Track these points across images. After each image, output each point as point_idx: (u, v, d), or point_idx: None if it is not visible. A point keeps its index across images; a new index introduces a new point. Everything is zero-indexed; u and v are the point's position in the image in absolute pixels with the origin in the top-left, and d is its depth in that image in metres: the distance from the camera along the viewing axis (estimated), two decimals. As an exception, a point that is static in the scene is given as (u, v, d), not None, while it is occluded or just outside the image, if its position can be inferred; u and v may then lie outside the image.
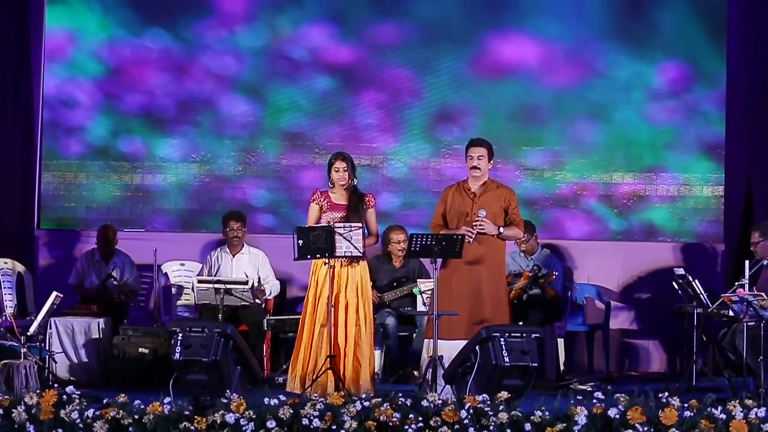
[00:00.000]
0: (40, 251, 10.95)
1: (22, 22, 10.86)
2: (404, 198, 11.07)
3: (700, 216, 11.27)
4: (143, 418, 6.67)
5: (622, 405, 6.72)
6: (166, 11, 10.99)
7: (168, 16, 10.99)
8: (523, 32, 11.03)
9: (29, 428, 6.64)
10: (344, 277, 8.39)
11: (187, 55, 11.00)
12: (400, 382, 9.48)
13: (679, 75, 11.15)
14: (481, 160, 8.54)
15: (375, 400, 6.76)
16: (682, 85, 11.16)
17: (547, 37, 11.01)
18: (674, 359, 10.94)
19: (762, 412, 6.70)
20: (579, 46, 11.03)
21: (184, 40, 10.99)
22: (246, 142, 11.09)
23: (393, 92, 11.05)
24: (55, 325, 9.50)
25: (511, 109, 11.05)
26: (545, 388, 8.64)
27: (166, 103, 11.03)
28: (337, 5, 10.99)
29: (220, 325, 7.96)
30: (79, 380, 9.12)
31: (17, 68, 10.85)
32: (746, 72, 11.09)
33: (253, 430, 6.62)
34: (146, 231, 10.96)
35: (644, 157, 11.19)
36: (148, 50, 10.99)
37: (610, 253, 11.08)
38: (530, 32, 11.02)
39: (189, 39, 10.98)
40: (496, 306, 8.46)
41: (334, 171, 8.52)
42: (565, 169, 11.13)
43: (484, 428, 6.65)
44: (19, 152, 10.91)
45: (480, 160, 8.54)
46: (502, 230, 8.48)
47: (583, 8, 11.05)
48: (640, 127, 11.17)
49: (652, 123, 11.15)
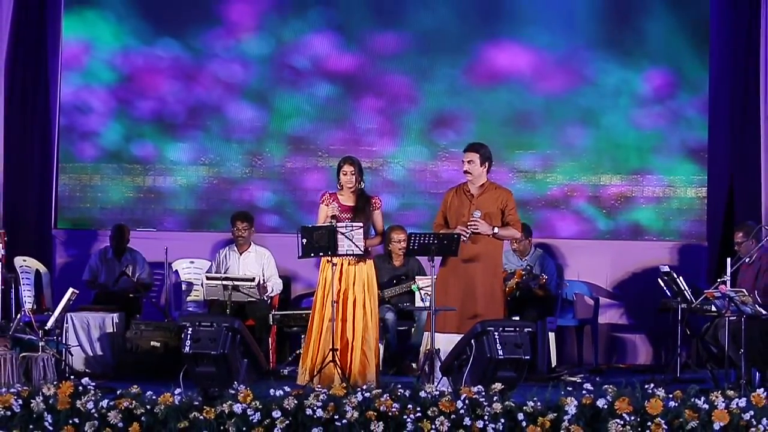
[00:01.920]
0: (57, 250, 10.95)
1: (40, 34, 10.88)
2: (403, 199, 11.08)
3: (684, 216, 11.27)
4: (155, 408, 6.68)
5: (610, 396, 6.72)
6: (177, 21, 10.98)
7: (178, 26, 10.99)
8: (515, 41, 11.02)
9: (47, 418, 6.65)
10: (352, 275, 8.41)
11: (196, 64, 11.01)
12: (399, 374, 9.49)
13: (664, 82, 11.14)
14: (471, 164, 8.55)
15: (375, 391, 6.77)
16: (666, 92, 11.16)
17: (539, 46, 11.00)
18: (659, 352, 10.94)
19: (743, 403, 6.70)
20: (569, 55, 11.02)
21: (193, 50, 10.99)
22: (252, 146, 11.10)
23: (392, 98, 11.04)
24: (72, 320, 9.52)
25: (504, 115, 11.04)
26: (537, 379, 8.64)
27: (176, 109, 11.04)
28: (339, 16, 10.97)
29: (228, 320, 7.97)
30: (94, 372, 9.12)
31: (36, 77, 10.86)
32: (728, 80, 11.11)
33: (259, 419, 6.62)
34: (157, 231, 10.97)
35: (631, 160, 11.19)
36: (160, 59, 11.00)
37: (598, 251, 11.08)
38: (522, 41, 11.01)
39: (198, 48, 10.99)
40: (490, 302, 8.46)
41: (343, 174, 8.55)
42: (555, 172, 11.11)
43: (479, 418, 6.65)
44: (37, 156, 10.93)
45: (470, 164, 8.55)
46: (497, 230, 8.49)
47: (573, 18, 11.04)
48: (627, 132, 11.16)
49: (638, 128, 11.14)
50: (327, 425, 6.61)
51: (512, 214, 8.61)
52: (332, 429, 6.60)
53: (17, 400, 6.70)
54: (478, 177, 8.59)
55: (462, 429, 6.62)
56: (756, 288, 8.87)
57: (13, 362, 7.76)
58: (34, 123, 10.90)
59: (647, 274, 10.65)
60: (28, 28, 10.82)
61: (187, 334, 7.76)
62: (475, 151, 8.60)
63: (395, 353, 9.82)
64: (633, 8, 11.08)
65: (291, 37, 10.97)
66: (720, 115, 11.17)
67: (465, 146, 8.71)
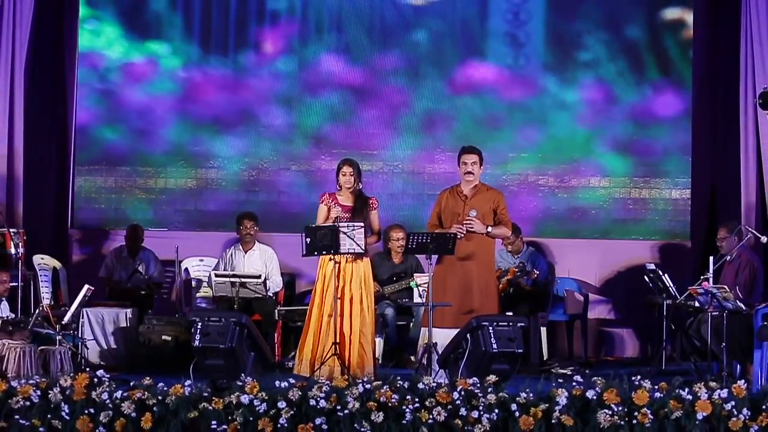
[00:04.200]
0: (73, 248, 10.94)
1: (58, 43, 10.89)
2: (401, 200, 11.15)
3: (669, 216, 11.27)
4: (166, 399, 6.68)
5: (598, 387, 6.72)
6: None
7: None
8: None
9: (64, 408, 6.65)
10: (349, 272, 8.40)
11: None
12: (398, 366, 9.47)
13: (648, 90, 11.19)
14: (474, 165, 8.56)
15: (375, 383, 6.77)
16: (652, 99, 11.19)
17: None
18: (646, 346, 10.94)
19: (724, 393, 6.70)
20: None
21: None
22: (258, 150, 11.12)
23: (389, 106, 11.16)
24: (87, 315, 9.50)
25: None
26: (530, 372, 8.64)
27: (186, 115, 11.07)
28: (348, 40, 11.16)
29: (236, 315, 7.97)
30: (108, 365, 9.11)
31: (54, 88, 10.88)
32: (708, 88, 11.16)
33: (266, 409, 6.62)
34: (169, 230, 10.96)
35: (619, 163, 11.20)
36: (158, 64, 11.07)
37: (588, 250, 11.08)
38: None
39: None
40: (485, 297, 8.46)
41: (342, 175, 8.55)
42: (547, 171, 11.17)
43: (475, 408, 6.65)
44: (54, 160, 10.93)
45: (473, 166, 8.56)
46: (491, 229, 8.49)
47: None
48: (616, 137, 11.20)
49: (624, 133, 11.19)
50: (329, 415, 6.61)
51: (504, 214, 8.61)
52: (334, 419, 6.60)
53: (36, 390, 6.70)
54: (477, 178, 8.60)
55: (458, 419, 6.62)
56: (737, 284, 8.88)
57: (32, 355, 7.76)
58: (52, 131, 10.90)
59: (634, 272, 10.64)
60: (47, 39, 10.82)
61: (196, 328, 7.77)
62: (476, 153, 8.61)
63: (395, 347, 9.81)
64: (618, 20, 11.15)
65: (310, 56, 11.19)
66: (702, 121, 11.20)
67: (461, 149, 8.71)
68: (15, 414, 6.65)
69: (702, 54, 11.22)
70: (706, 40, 11.22)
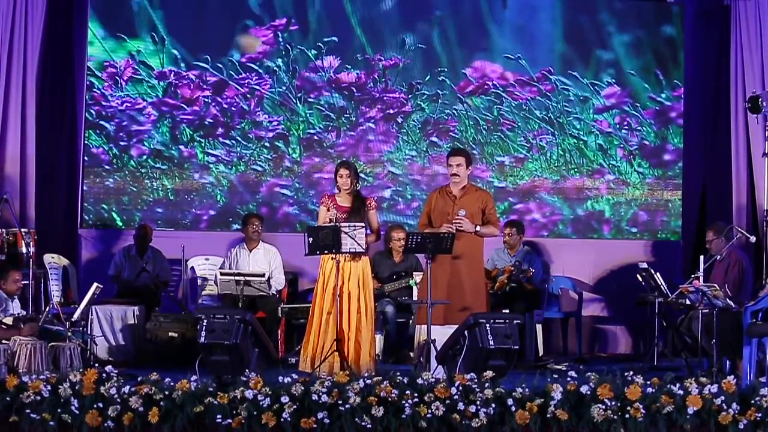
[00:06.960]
0: (83, 247, 10.94)
1: (68, 50, 10.88)
2: (400, 195, 11.13)
3: (661, 216, 11.28)
4: (173, 393, 6.67)
5: (592, 382, 6.71)
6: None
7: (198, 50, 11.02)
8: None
9: (73, 402, 6.64)
10: (348, 271, 8.41)
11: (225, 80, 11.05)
12: (398, 362, 9.48)
13: (644, 94, 11.20)
14: (459, 167, 8.53)
15: (376, 379, 6.76)
16: (646, 103, 11.20)
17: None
18: (638, 342, 10.94)
19: (715, 389, 6.69)
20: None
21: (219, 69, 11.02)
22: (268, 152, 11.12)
23: (390, 108, 11.09)
24: (96, 312, 9.51)
25: (480, 119, 11.11)
26: (525, 368, 8.65)
27: (192, 119, 11.05)
28: (347, 41, 11.07)
29: (240, 312, 7.95)
30: (116, 360, 9.12)
31: (63, 91, 10.88)
32: (700, 92, 11.18)
33: (269, 404, 6.61)
34: (175, 230, 10.96)
35: (613, 165, 11.20)
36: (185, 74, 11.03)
37: (582, 249, 11.09)
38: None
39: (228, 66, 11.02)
40: (476, 295, 8.44)
41: (339, 177, 8.56)
42: (543, 175, 11.16)
43: (472, 403, 6.64)
44: (64, 163, 10.91)
45: (458, 167, 8.53)
46: (479, 228, 8.47)
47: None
48: (611, 139, 11.20)
49: (619, 135, 11.19)
50: (331, 409, 6.60)
51: (492, 214, 8.60)
52: (336, 413, 6.59)
53: (46, 385, 6.70)
54: (464, 179, 8.58)
55: (456, 413, 6.61)
56: (726, 283, 8.88)
57: (43, 351, 7.75)
58: (62, 134, 10.89)
59: (627, 271, 10.65)
60: (57, 47, 10.82)
61: (202, 325, 7.75)
62: (462, 155, 8.60)
63: (394, 343, 9.81)
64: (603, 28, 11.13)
65: (309, 57, 11.07)
66: (694, 125, 11.22)
67: (449, 151, 8.72)
68: (26, 408, 6.65)
69: (693, 59, 11.24)
70: (697, 46, 11.24)
